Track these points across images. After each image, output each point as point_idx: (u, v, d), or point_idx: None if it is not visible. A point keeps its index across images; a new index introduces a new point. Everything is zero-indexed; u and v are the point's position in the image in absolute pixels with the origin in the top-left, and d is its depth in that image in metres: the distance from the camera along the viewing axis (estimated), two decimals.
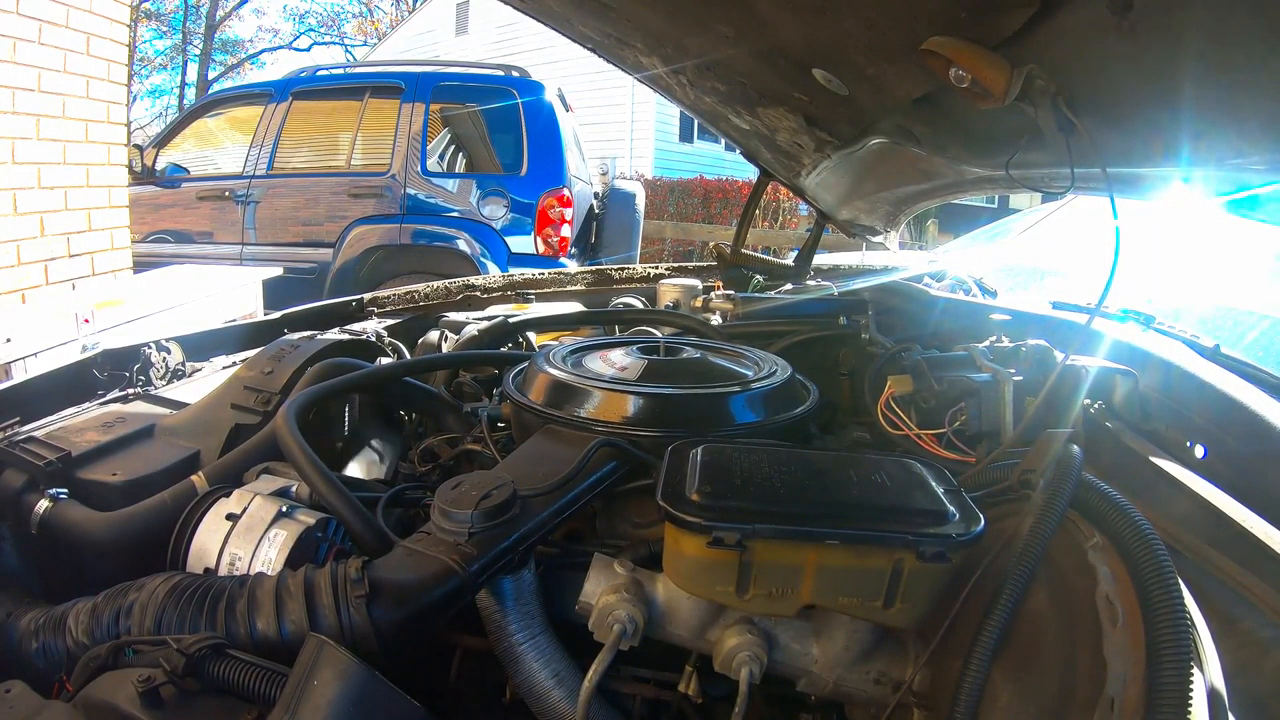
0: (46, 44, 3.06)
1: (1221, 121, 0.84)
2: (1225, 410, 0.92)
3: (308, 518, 0.87)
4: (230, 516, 0.85)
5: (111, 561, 0.91)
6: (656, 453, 0.88)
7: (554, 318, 1.74)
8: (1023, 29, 0.83)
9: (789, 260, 2.41)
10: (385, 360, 1.44)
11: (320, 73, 5.29)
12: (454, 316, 1.81)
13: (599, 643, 0.77)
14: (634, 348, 1.19)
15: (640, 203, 5.50)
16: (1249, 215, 1.81)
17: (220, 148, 5.28)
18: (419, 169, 4.53)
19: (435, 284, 2.09)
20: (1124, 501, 0.65)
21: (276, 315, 1.79)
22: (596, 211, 5.26)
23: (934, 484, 0.75)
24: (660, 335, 1.57)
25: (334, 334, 1.58)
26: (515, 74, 4.77)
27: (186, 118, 5.32)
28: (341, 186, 4.62)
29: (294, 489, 0.94)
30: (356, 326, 1.74)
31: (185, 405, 1.22)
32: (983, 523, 0.68)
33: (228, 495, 0.89)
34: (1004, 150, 1.18)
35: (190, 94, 20.64)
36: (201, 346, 1.55)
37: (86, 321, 2.35)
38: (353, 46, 23.78)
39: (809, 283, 2.20)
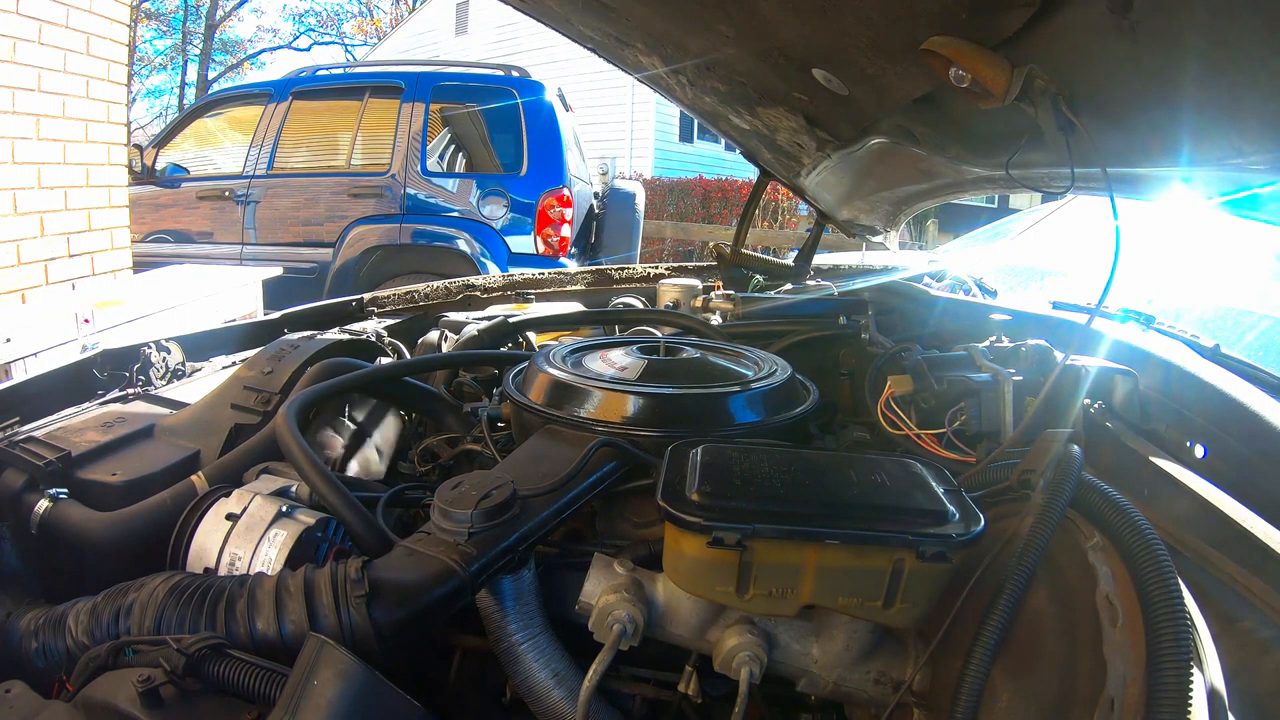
0: (46, 44, 3.06)
1: (1221, 121, 0.84)
2: (1225, 410, 0.92)
3: (308, 518, 0.87)
4: (230, 516, 0.86)
5: (111, 561, 0.91)
6: (656, 453, 0.89)
7: (554, 318, 1.74)
8: (1023, 29, 0.83)
9: (789, 260, 2.41)
10: (385, 360, 1.44)
11: (320, 73, 5.29)
12: (454, 316, 1.80)
13: (599, 643, 0.77)
14: (634, 348, 1.19)
15: (640, 203, 5.50)
16: (1249, 215, 1.81)
17: (220, 148, 5.28)
18: (419, 169, 4.53)
19: (435, 284, 2.09)
20: (1124, 501, 0.65)
21: (276, 315, 1.79)
22: (596, 211, 5.26)
23: (934, 484, 0.75)
24: (660, 335, 1.57)
25: (334, 334, 1.58)
26: (515, 74, 4.77)
27: (186, 118, 5.32)
28: (341, 186, 4.62)
29: (294, 489, 0.94)
30: (356, 326, 1.74)
31: (185, 405, 1.22)
32: (983, 523, 0.68)
33: (228, 495, 0.89)
34: (1004, 150, 1.18)
35: (190, 94, 20.62)
36: (201, 346, 1.55)
37: (86, 321, 2.35)
38: (353, 46, 23.78)
39: (809, 283, 2.20)
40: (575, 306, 2.06)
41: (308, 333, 1.63)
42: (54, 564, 0.99)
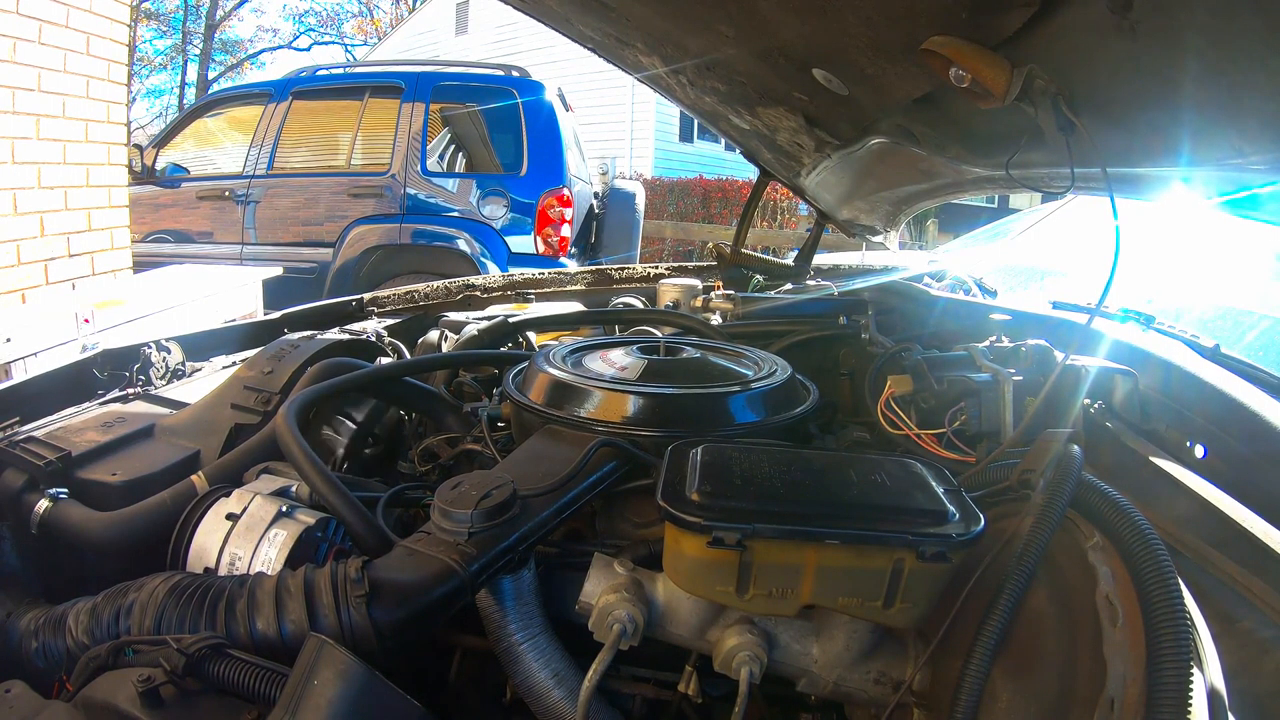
0: (46, 44, 3.06)
1: (1221, 121, 0.84)
2: (1225, 410, 0.92)
3: (308, 517, 0.87)
4: (230, 516, 0.86)
5: (111, 561, 0.91)
6: (656, 453, 0.89)
7: (554, 318, 1.74)
8: (1023, 29, 0.83)
9: (789, 260, 2.41)
10: (385, 360, 1.44)
11: (320, 72, 5.29)
12: (454, 316, 1.80)
13: (599, 643, 0.77)
14: (634, 347, 1.19)
15: (640, 203, 5.50)
16: (1249, 215, 1.81)
17: (220, 148, 5.28)
18: (419, 169, 4.53)
19: (435, 284, 2.09)
20: (1124, 501, 0.65)
21: (276, 315, 1.79)
22: (596, 211, 5.26)
23: (934, 484, 0.75)
24: (660, 335, 1.57)
25: (334, 334, 1.58)
26: (515, 74, 4.77)
27: (186, 118, 5.32)
28: (341, 186, 4.62)
29: (294, 489, 0.94)
30: (356, 326, 1.74)
31: (185, 405, 1.22)
32: (983, 522, 0.68)
33: (228, 495, 0.89)
34: (1004, 150, 1.18)
35: (190, 94, 20.62)
36: (201, 346, 1.55)
37: (86, 321, 2.35)
38: (353, 46, 23.78)
39: (809, 283, 2.20)
40: (575, 306, 2.06)
41: (308, 333, 1.63)
42: (54, 564, 0.99)
